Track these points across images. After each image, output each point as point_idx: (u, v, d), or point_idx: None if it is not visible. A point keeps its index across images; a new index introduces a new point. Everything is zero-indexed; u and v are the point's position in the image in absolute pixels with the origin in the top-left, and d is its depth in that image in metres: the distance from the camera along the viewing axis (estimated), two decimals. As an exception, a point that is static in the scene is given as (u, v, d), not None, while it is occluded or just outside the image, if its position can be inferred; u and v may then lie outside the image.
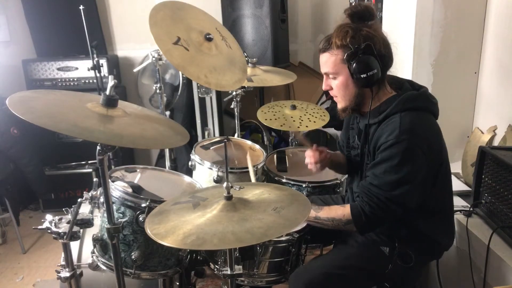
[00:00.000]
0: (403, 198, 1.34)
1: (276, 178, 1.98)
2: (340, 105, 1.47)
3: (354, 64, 1.33)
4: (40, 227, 1.36)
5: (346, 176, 1.82)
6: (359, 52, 1.32)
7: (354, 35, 1.33)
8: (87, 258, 1.64)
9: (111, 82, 1.23)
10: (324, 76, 1.46)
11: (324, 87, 1.48)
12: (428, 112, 1.41)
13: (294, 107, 2.37)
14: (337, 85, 1.42)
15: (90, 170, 3.20)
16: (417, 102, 1.39)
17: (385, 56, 1.36)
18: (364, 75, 1.33)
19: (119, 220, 1.35)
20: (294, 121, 2.31)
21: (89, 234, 1.61)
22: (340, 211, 1.43)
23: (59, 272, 1.42)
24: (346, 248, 1.56)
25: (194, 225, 1.08)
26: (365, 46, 1.32)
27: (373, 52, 1.32)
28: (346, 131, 1.67)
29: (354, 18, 1.37)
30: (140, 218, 1.46)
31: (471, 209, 1.78)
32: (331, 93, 1.48)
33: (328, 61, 1.40)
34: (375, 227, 1.46)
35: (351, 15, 1.37)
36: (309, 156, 1.67)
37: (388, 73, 1.44)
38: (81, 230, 1.40)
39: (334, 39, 1.36)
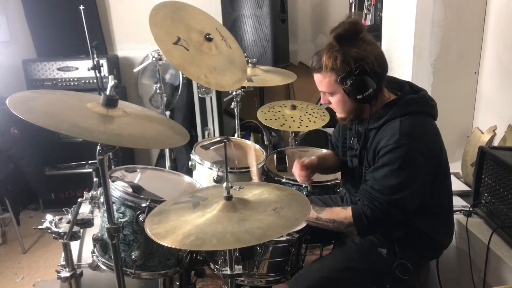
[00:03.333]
0: (403, 202, 1.35)
1: (276, 178, 1.98)
2: (339, 115, 1.48)
3: (348, 86, 1.32)
4: (40, 227, 1.36)
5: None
6: (352, 75, 1.31)
7: (343, 60, 1.31)
8: (87, 258, 1.64)
9: (111, 82, 1.24)
10: (321, 93, 1.46)
11: (322, 102, 1.49)
12: (427, 115, 1.42)
13: (294, 107, 2.37)
14: (335, 101, 1.43)
15: (90, 170, 3.20)
16: (416, 106, 1.39)
17: (379, 73, 1.34)
18: (360, 96, 1.33)
19: (119, 220, 1.35)
20: (294, 121, 2.31)
21: (89, 234, 1.62)
22: (342, 214, 1.43)
23: (59, 272, 1.41)
24: (344, 251, 1.57)
25: (193, 225, 1.08)
26: (357, 67, 1.30)
27: (366, 72, 1.31)
28: (342, 130, 1.67)
29: (341, 40, 1.33)
30: (140, 218, 1.46)
31: (471, 209, 1.78)
32: (330, 106, 1.48)
33: (322, 82, 1.40)
34: (376, 231, 1.47)
35: (337, 38, 1.33)
36: (296, 174, 1.66)
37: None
38: (81, 230, 1.40)
39: (325, 61, 1.35)
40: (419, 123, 1.36)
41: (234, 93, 2.41)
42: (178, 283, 1.84)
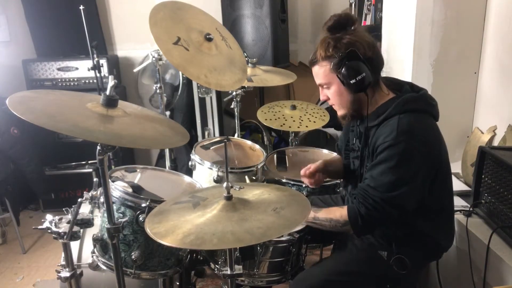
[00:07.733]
0: (399, 199, 1.34)
1: (276, 178, 1.98)
2: (339, 112, 1.50)
3: (342, 71, 1.35)
4: (40, 227, 1.36)
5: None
6: (344, 59, 1.34)
7: (335, 45, 1.36)
8: (87, 258, 1.64)
9: (111, 82, 1.24)
10: (320, 88, 1.49)
11: (321, 98, 1.51)
12: (428, 114, 1.42)
13: (294, 107, 2.37)
14: (332, 94, 1.45)
15: (90, 170, 3.20)
16: (416, 104, 1.39)
17: (373, 59, 1.37)
18: (354, 80, 1.34)
19: (119, 220, 1.35)
20: (294, 121, 2.31)
21: (89, 234, 1.62)
22: (338, 212, 1.44)
23: (59, 272, 1.42)
24: (345, 254, 1.57)
25: (193, 225, 1.08)
26: (349, 52, 1.34)
27: (358, 56, 1.34)
28: (346, 133, 1.67)
29: (333, 30, 1.40)
30: (140, 218, 1.46)
31: (471, 209, 1.78)
32: (329, 102, 1.50)
33: (318, 73, 1.44)
34: (372, 229, 1.46)
35: (329, 29, 1.40)
36: (304, 179, 1.71)
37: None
38: (81, 230, 1.41)
39: (319, 51, 1.40)
40: (418, 121, 1.36)
41: (234, 93, 2.41)
42: (178, 283, 1.84)
